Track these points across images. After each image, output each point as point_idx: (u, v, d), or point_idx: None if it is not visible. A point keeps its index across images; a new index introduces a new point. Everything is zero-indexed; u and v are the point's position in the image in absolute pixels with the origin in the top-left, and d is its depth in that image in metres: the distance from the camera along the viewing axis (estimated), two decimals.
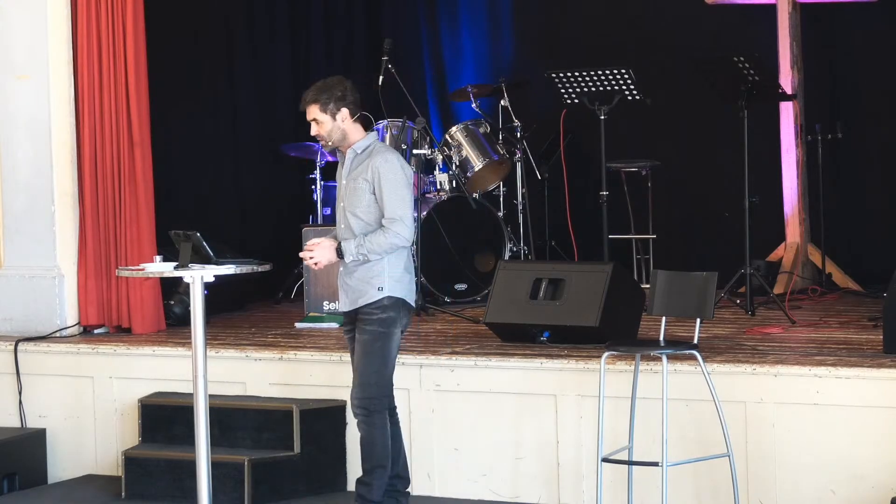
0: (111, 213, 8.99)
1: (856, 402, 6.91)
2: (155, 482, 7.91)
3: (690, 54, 9.98)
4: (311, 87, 6.82)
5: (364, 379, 6.72)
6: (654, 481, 6.90)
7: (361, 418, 6.75)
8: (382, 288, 6.73)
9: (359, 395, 6.73)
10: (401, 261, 6.77)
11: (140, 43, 8.97)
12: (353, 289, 6.77)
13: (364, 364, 6.72)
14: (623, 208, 10.71)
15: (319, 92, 6.76)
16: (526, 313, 8.08)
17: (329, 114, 6.75)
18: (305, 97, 6.79)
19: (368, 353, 6.72)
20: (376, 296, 6.72)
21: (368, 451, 6.78)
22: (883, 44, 10.58)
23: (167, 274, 6.70)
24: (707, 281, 6.98)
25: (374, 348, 6.72)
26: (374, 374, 6.71)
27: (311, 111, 6.77)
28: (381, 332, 6.73)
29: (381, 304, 6.73)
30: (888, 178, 10.60)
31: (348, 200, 6.76)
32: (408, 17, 12.37)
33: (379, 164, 6.69)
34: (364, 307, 6.73)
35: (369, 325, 6.73)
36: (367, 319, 6.73)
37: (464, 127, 10.44)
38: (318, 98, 6.74)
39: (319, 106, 6.75)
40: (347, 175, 6.80)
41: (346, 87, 6.80)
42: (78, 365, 8.62)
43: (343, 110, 6.76)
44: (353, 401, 6.76)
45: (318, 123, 6.77)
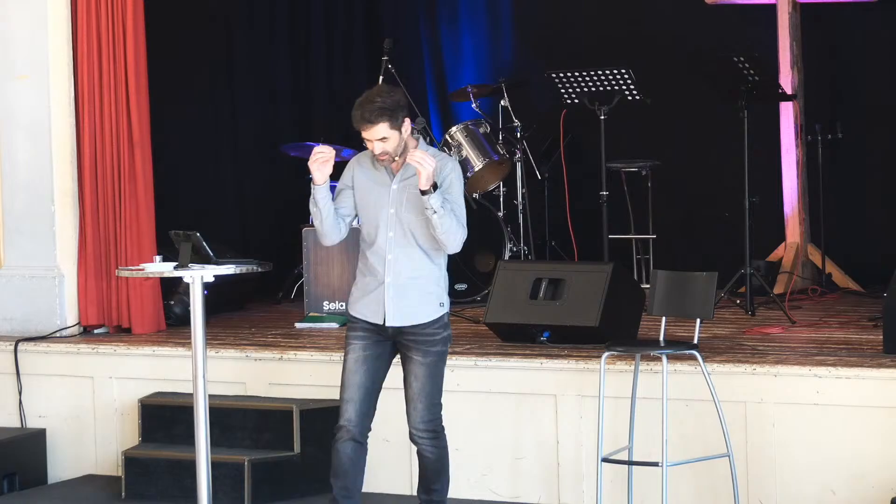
0: (111, 213, 8.99)
1: (856, 402, 6.91)
2: (155, 482, 7.91)
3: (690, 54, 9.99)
4: (367, 102, 6.24)
5: (433, 400, 6.40)
6: (654, 481, 6.90)
7: (432, 442, 6.43)
8: (443, 304, 6.44)
9: (429, 418, 6.40)
10: (447, 276, 6.51)
11: (140, 43, 8.97)
12: (412, 301, 6.37)
13: (432, 386, 6.38)
14: (623, 208, 10.70)
15: (386, 107, 6.22)
16: (526, 313, 8.08)
17: (397, 128, 6.26)
18: (369, 116, 6.21)
19: (435, 375, 6.40)
20: (438, 312, 6.41)
21: (439, 469, 6.49)
22: (883, 44, 10.58)
23: (167, 274, 6.69)
24: (707, 281, 6.98)
25: (440, 369, 6.43)
26: (440, 394, 6.44)
27: (380, 129, 6.22)
28: (444, 351, 6.44)
29: (443, 322, 6.43)
30: (888, 178, 10.60)
31: (408, 205, 6.31)
32: (408, 17, 12.36)
33: (449, 170, 6.32)
34: (424, 325, 6.37)
35: (433, 347, 6.38)
36: (430, 340, 6.37)
37: (464, 127, 10.43)
38: (386, 115, 6.21)
39: (390, 123, 6.22)
40: (401, 179, 6.36)
41: (403, 94, 6.37)
42: (78, 365, 8.62)
43: (406, 121, 6.31)
44: (419, 425, 6.40)
45: (385, 141, 6.25)
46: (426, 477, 6.53)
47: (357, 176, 6.48)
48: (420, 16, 12.33)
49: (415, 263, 6.38)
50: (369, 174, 6.45)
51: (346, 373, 6.44)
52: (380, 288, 6.38)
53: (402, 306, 6.37)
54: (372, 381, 6.44)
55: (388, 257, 6.37)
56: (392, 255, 6.36)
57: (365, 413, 6.43)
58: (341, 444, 6.41)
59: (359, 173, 6.48)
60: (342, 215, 6.47)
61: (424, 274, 6.40)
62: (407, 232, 6.36)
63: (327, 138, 10.95)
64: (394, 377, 6.57)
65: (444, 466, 6.51)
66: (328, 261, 9.43)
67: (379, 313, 6.38)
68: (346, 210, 6.48)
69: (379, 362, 6.46)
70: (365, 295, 6.43)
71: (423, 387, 6.40)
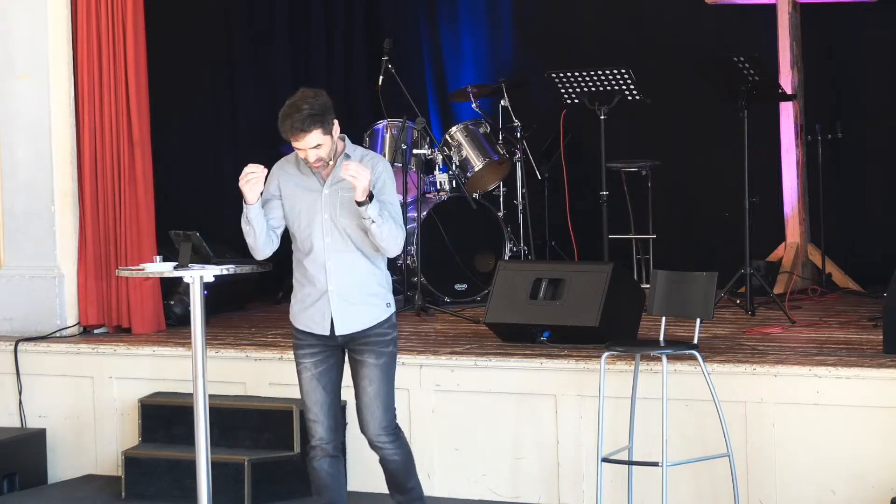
0: (111, 213, 8.99)
1: (856, 402, 6.91)
2: (155, 482, 7.91)
3: (690, 54, 9.99)
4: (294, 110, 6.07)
5: (389, 403, 6.24)
6: (654, 481, 6.90)
7: (394, 445, 6.27)
8: (390, 304, 6.27)
9: (386, 422, 6.23)
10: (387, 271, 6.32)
11: (140, 43, 8.97)
12: (358, 307, 6.19)
13: (387, 388, 6.21)
14: (623, 208, 10.70)
15: (315, 113, 6.05)
16: (526, 313, 8.08)
17: (329, 133, 6.11)
18: (301, 125, 6.04)
19: (388, 377, 6.23)
20: (386, 313, 6.24)
21: (408, 468, 6.34)
22: (883, 44, 10.58)
23: (167, 274, 6.69)
24: (707, 281, 6.97)
25: (392, 370, 6.27)
26: (393, 396, 6.27)
27: (313, 138, 6.07)
28: (394, 352, 6.28)
29: (391, 322, 6.26)
30: (888, 178, 10.60)
31: (342, 209, 6.14)
32: (408, 17, 12.37)
33: (382, 170, 6.17)
34: (373, 328, 6.21)
35: (385, 347, 6.22)
36: (381, 341, 6.21)
37: (464, 127, 10.44)
38: (317, 121, 6.05)
39: (322, 129, 6.07)
40: (332, 183, 6.18)
41: (326, 95, 6.15)
42: (78, 365, 8.62)
43: (335, 123, 6.15)
44: (377, 430, 6.23)
45: (319, 148, 6.10)
46: (397, 479, 6.36)
47: (284, 184, 6.29)
48: (420, 16, 12.34)
49: (356, 267, 6.19)
50: (297, 181, 6.27)
51: (304, 393, 6.31)
52: (323, 297, 6.19)
53: (350, 313, 6.18)
54: (332, 395, 6.31)
55: (329, 264, 6.18)
56: (332, 262, 6.18)
57: (333, 428, 6.31)
58: (317, 462, 6.33)
59: (285, 181, 6.30)
60: (272, 227, 6.29)
61: (367, 277, 6.21)
62: (344, 236, 6.17)
63: None
64: None
65: (410, 463, 6.35)
66: None
67: (325, 324, 6.21)
68: (276, 221, 6.29)
69: (332, 373, 6.30)
70: (308, 306, 6.25)
71: (378, 390, 6.21)
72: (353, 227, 6.15)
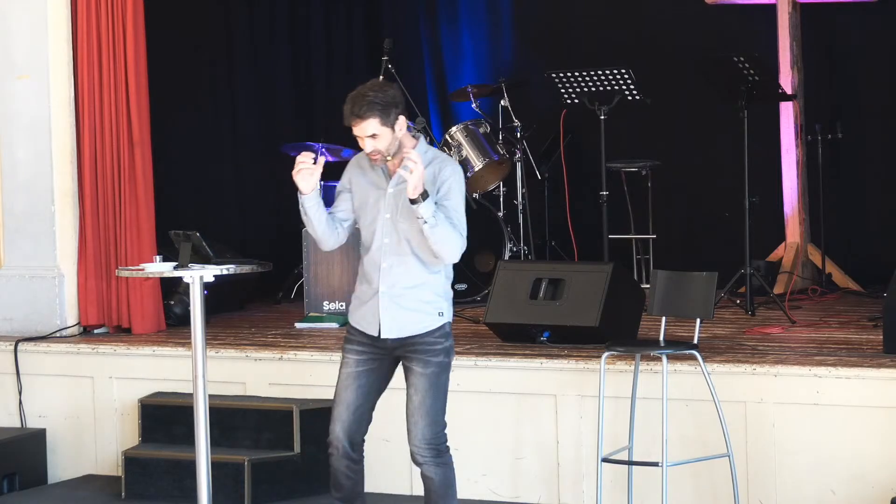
0: (111, 213, 8.99)
1: (856, 402, 6.91)
2: (155, 482, 7.91)
3: (690, 54, 9.99)
4: (358, 96, 5.96)
5: (435, 417, 6.05)
6: (654, 481, 6.90)
7: (435, 461, 6.06)
8: (443, 313, 6.09)
9: (431, 435, 6.04)
10: (449, 280, 6.15)
11: (140, 43, 8.97)
12: (408, 311, 6.05)
13: (433, 400, 6.05)
14: (623, 208, 10.71)
15: (377, 102, 5.92)
16: (526, 313, 8.08)
17: (390, 125, 5.95)
18: (358, 111, 5.92)
19: (437, 387, 6.06)
20: (437, 322, 6.07)
21: (445, 493, 6.09)
22: (883, 44, 10.58)
23: (167, 274, 6.68)
24: (707, 281, 6.98)
25: (442, 381, 6.08)
26: (442, 410, 6.09)
27: (370, 126, 5.92)
28: (447, 362, 6.09)
29: (444, 332, 6.08)
30: (888, 179, 10.60)
31: (404, 211, 5.97)
32: (408, 17, 12.37)
33: (449, 174, 6.01)
34: (422, 335, 6.06)
35: (435, 357, 6.05)
36: (430, 350, 6.05)
37: (464, 127, 10.44)
38: (377, 110, 5.91)
39: (380, 119, 5.92)
40: (397, 183, 6.02)
41: (398, 91, 6.04)
42: (78, 365, 8.62)
43: (401, 118, 5.99)
44: (421, 443, 6.05)
45: (375, 137, 5.94)
46: (431, 501, 6.14)
47: (354, 178, 6.20)
48: (420, 16, 12.34)
49: (411, 272, 6.06)
50: (366, 176, 6.17)
51: (338, 386, 6.20)
52: (374, 298, 6.08)
53: (397, 318, 6.06)
54: (364, 399, 6.18)
55: (383, 265, 6.07)
56: (387, 263, 6.07)
57: (354, 431, 6.16)
58: (334, 460, 6.21)
59: (356, 175, 6.20)
60: (340, 219, 6.20)
61: (421, 283, 6.06)
62: (402, 239, 6.04)
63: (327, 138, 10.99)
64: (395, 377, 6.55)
65: (450, 489, 6.12)
66: (328, 261, 9.43)
67: (374, 325, 6.10)
68: (344, 214, 6.20)
69: (373, 377, 6.17)
70: (361, 304, 6.16)
71: (423, 400, 6.05)
72: (412, 231, 6.00)
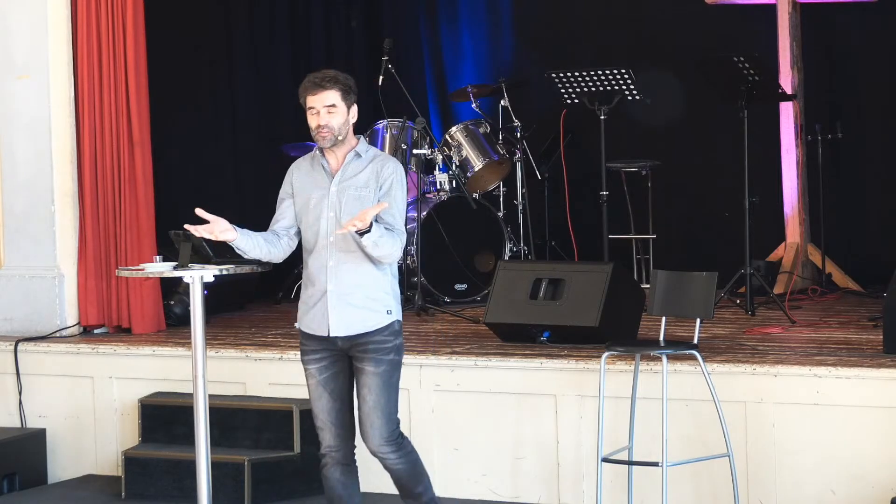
0: (111, 213, 9.00)
1: (856, 402, 6.91)
2: (155, 482, 7.91)
3: (690, 54, 9.99)
4: (320, 72, 6.08)
5: (391, 413, 6.10)
6: (654, 481, 6.90)
7: (396, 453, 6.13)
8: (391, 311, 6.12)
9: (387, 433, 6.09)
10: (395, 279, 6.19)
11: (140, 43, 8.98)
12: (357, 309, 6.06)
13: (387, 398, 6.08)
14: (623, 208, 10.71)
15: (339, 80, 6.04)
16: (526, 313, 8.08)
17: (346, 104, 6.06)
18: (320, 81, 6.01)
19: (390, 385, 6.09)
20: (386, 320, 6.09)
21: (416, 474, 6.20)
22: (883, 44, 10.58)
23: (167, 274, 6.69)
24: (707, 281, 6.98)
25: (395, 379, 6.12)
26: (396, 407, 6.14)
27: (330, 96, 6.02)
28: (398, 360, 6.14)
29: (393, 330, 6.11)
30: (888, 179, 10.60)
31: (348, 208, 6.04)
32: (408, 17, 12.37)
33: (391, 172, 6.10)
34: (372, 333, 6.07)
35: (385, 355, 6.08)
36: (381, 349, 6.07)
37: (464, 127, 10.44)
38: (339, 85, 6.03)
39: (341, 95, 6.05)
40: (340, 181, 6.11)
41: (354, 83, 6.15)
42: (78, 365, 8.62)
43: (355, 107, 6.12)
44: (378, 440, 6.10)
45: (332, 111, 6.03)
46: (406, 486, 6.25)
47: (295, 181, 6.21)
48: (420, 16, 12.34)
49: (358, 269, 6.07)
50: (307, 177, 6.19)
51: (312, 400, 6.21)
52: (323, 298, 6.08)
53: (345, 316, 6.05)
54: (339, 401, 6.19)
55: (330, 263, 6.07)
56: (333, 261, 6.07)
57: (343, 435, 6.21)
58: (328, 470, 6.24)
59: (297, 178, 6.22)
60: (285, 227, 6.22)
61: (369, 281, 6.07)
62: (348, 237, 6.01)
63: None
64: None
65: (419, 470, 6.22)
66: None
67: (323, 325, 6.09)
68: (288, 222, 6.22)
69: (339, 379, 6.18)
70: (310, 308, 6.15)
71: (377, 400, 6.08)
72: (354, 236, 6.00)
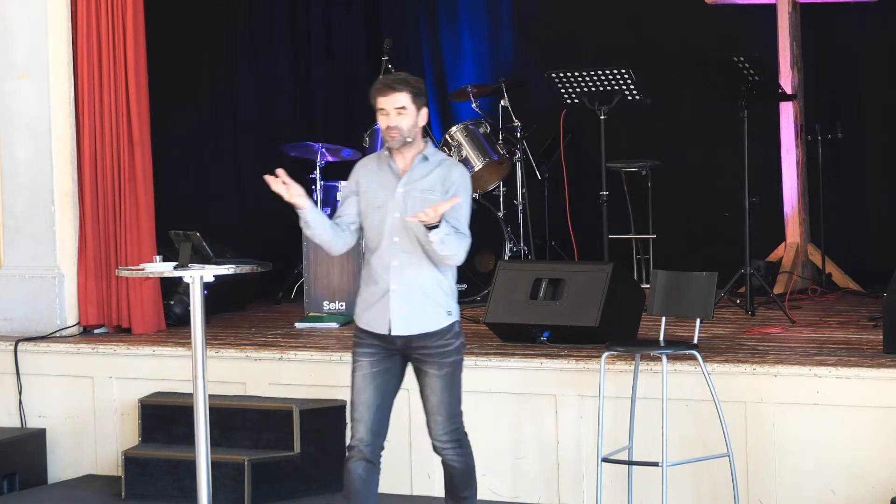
0: (111, 213, 9.00)
1: (856, 402, 6.91)
2: (155, 482, 7.91)
3: (690, 54, 9.99)
4: (393, 75, 6.25)
5: (453, 411, 6.19)
6: (654, 481, 6.90)
7: (456, 450, 6.22)
8: (452, 312, 6.18)
9: (451, 429, 6.19)
10: (455, 280, 6.25)
11: (140, 43, 8.98)
12: (418, 310, 6.13)
13: (451, 397, 6.17)
14: (623, 208, 10.71)
15: (411, 82, 6.14)
16: (526, 313, 8.08)
17: (416, 106, 6.12)
18: (392, 83, 6.12)
19: (453, 385, 6.18)
20: (446, 321, 6.16)
21: (468, 477, 6.29)
22: (883, 44, 10.58)
23: (167, 274, 6.69)
24: (707, 281, 6.98)
25: (456, 378, 6.20)
26: (459, 403, 6.23)
27: (401, 98, 6.09)
28: (459, 360, 6.21)
29: (454, 332, 6.18)
30: (888, 178, 10.60)
31: (413, 209, 6.05)
32: (408, 17, 12.37)
33: (458, 177, 6.13)
34: (433, 335, 6.14)
35: (448, 357, 6.16)
36: (443, 352, 6.14)
37: (464, 127, 10.43)
38: (410, 87, 6.11)
39: (412, 95, 6.11)
40: (407, 183, 6.14)
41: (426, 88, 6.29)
42: (78, 365, 8.62)
43: (425, 109, 6.18)
44: (443, 437, 6.19)
45: (402, 113, 6.09)
46: (454, 486, 6.33)
47: (362, 180, 6.26)
48: (420, 16, 12.34)
49: (422, 271, 6.12)
50: (375, 177, 6.23)
51: (355, 391, 6.24)
52: (385, 297, 6.13)
53: (407, 315, 6.12)
54: (382, 398, 6.23)
55: (393, 264, 6.12)
56: (397, 262, 6.11)
57: (376, 431, 6.23)
58: (353, 463, 6.23)
59: (364, 176, 6.26)
60: (347, 223, 6.24)
61: (431, 282, 6.13)
62: (413, 238, 6.09)
63: (327, 138, 10.99)
64: None
65: (471, 473, 6.32)
66: (328, 261, 9.43)
67: (384, 324, 6.14)
68: (351, 217, 6.24)
69: (388, 377, 6.22)
70: (370, 306, 6.19)
71: (441, 399, 6.17)
72: (422, 231, 6.04)
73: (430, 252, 6.07)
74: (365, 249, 6.29)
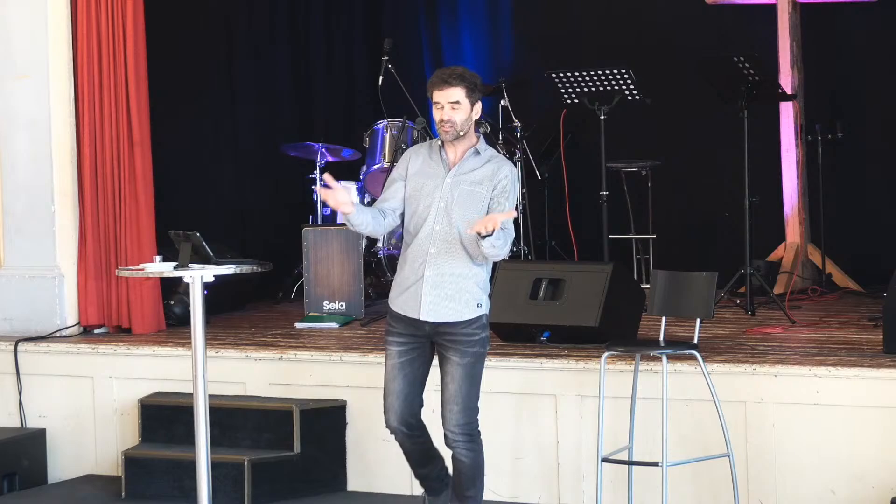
0: (111, 213, 8.99)
1: (856, 402, 6.91)
2: (155, 482, 7.91)
3: (690, 54, 9.99)
4: (449, 69, 6.32)
5: (469, 403, 6.34)
6: (654, 481, 6.90)
7: (467, 445, 6.37)
8: (481, 304, 6.38)
9: (465, 421, 6.34)
10: (489, 275, 6.45)
11: (140, 43, 8.97)
12: (449, 298, 6.31)
13: (468, 387, 6.33)
14: (623, 208, 10.71)
15: (467, 77, 6.27)
16: (526, 313, 8.08)
17: (470, 101, 6.28)
18: (448, 78, 6.25)
19: (472, 376, 6.34)
20: (475, 312, 6.35)
21: (474, 475, 6.44)
22: (883, 44, 10.58)
23: (167, 274, 6.69)
24: (707, 281, 6.98)
25: (477, 371, 6.37)
26: (476, 397, 6.39)
27: (455, 92, 6.24)
28: (482, 353, 6.39)
29: (481, 323, 6.38)
30: (888, 178, 10.60)
31: (459, 200, 6.27)
32: (408, 17, 12.37)
33: (507, 174, 6.30)
34: (460, 324, 6.32)
35: (471, 347, 6.33)
36: (468, 341, 6.33)
37: None
38: (466, 82, 6.26)
39: (466, 92, 6.26)
40: (456, 174, 6.32)
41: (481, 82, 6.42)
42: (78, 365, 8.62)
43: (479, 104, 6.34)
44: (455, 428, 6.34)
45: (456, 107, 6.25)
46: (461, 483, 6.45)
47: (412, 166, 6.42)
48: (420, 16, 12.34)
49: (457, 261, 6.31)
50: (425, 165, 6.41)
51: (386, 378, 6.43)
52: (419, 282, 6.31)
53: (438, 302, 6.29)
54: (411, 387, 6.40)
55: (431, 251, 6.30)
56: (435, 249, 6.30)
57: (407, 415, 6.40)
58: (398, 439, 6.48)
59: (415, 163, 6.42)
60: (392, 208, 6.40)
61: (465, 272, 6.32)
62: (454, 228, 6.28)
63: (327, 138, 10.99)
64: None
65: (479, 471, 6.44)
66: (328, 261, 9.43)
67: (415, 308, 6.32)
68: (395, 203, 6.41)
69: (416, 364, 6.40)
70: (403, 290, 6.38)
71: (458, 388, 6.31)
72: (464, 222, 6.24)
73: (471, 249, 6.25)
74: (405, 234, 6.43)
